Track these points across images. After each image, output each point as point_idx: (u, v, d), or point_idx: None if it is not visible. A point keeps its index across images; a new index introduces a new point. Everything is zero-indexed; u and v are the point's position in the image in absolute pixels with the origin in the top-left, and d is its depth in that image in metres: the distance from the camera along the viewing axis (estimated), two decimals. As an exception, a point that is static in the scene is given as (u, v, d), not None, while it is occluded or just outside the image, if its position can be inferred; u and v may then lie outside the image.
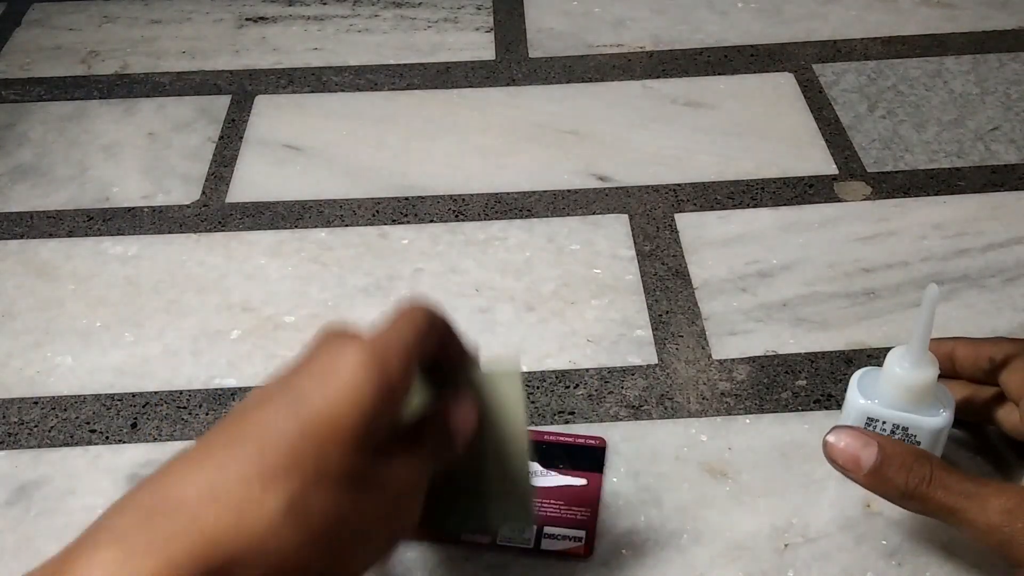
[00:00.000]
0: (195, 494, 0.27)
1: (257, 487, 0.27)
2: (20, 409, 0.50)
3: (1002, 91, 0.70)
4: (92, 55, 0.77)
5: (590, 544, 0.42)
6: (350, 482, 0.29)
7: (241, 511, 0.27)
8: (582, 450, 0.46)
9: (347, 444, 0.29)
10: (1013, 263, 0.56)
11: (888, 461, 0.37)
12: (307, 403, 0.29)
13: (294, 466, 0.28)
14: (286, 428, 0.29)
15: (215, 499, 0.27)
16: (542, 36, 0.77)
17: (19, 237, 0.60)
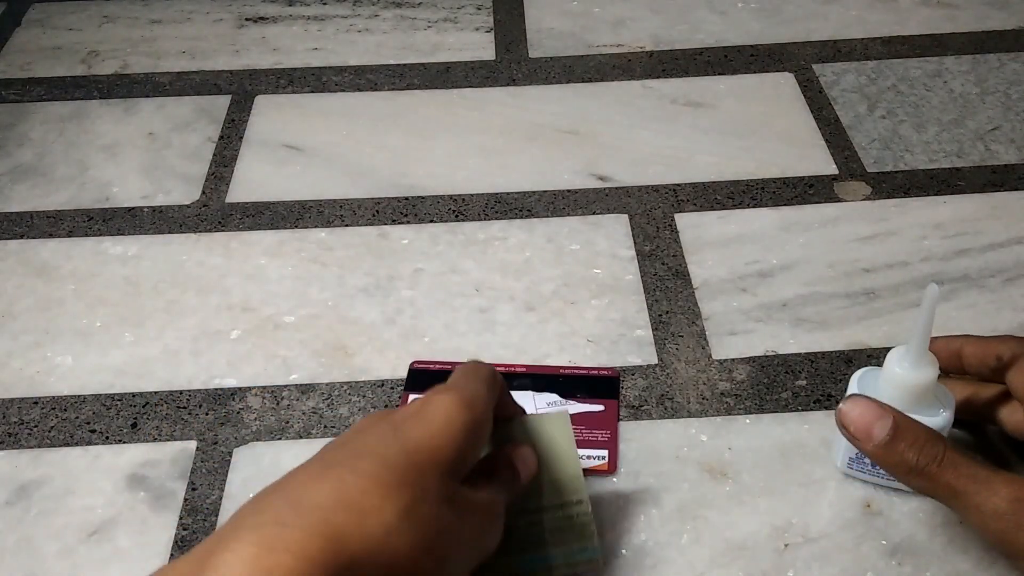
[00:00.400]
0: (324, 500, 0.30)
1: (377, 497, 0.31)
2: (20, 409, 0.50)
3: (1002, 91, 0.70)
4: (92, 55, 0.77)
5: (613, 462, 0.46)
6: (448, 502, 0.33)
7: (364, 516, 0.30)
8: (597, 380, 0.50)
9: (444, 471, 0.34)
10: (1013, 263, 0.56)
11: (900, 436, 0.37)
12: (411, 436, 0.34)
13: (405, 483, 0.32)
14: (395, 453, 0.33)
15: (343, 506, 0.30)
16: (542, 36, 0.77)
17: (19, 237, 0.60)
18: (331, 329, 0.54)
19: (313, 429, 0.49)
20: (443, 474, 0.33)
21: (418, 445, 0.33)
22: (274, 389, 0.51)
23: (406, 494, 0.31)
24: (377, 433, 0.34)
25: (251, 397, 0.50)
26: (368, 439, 0.34)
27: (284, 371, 0.51)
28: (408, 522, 0.31)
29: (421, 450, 0.33)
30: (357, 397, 0.50)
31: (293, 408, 0.50)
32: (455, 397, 0.35)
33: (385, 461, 0.32)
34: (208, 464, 0.47)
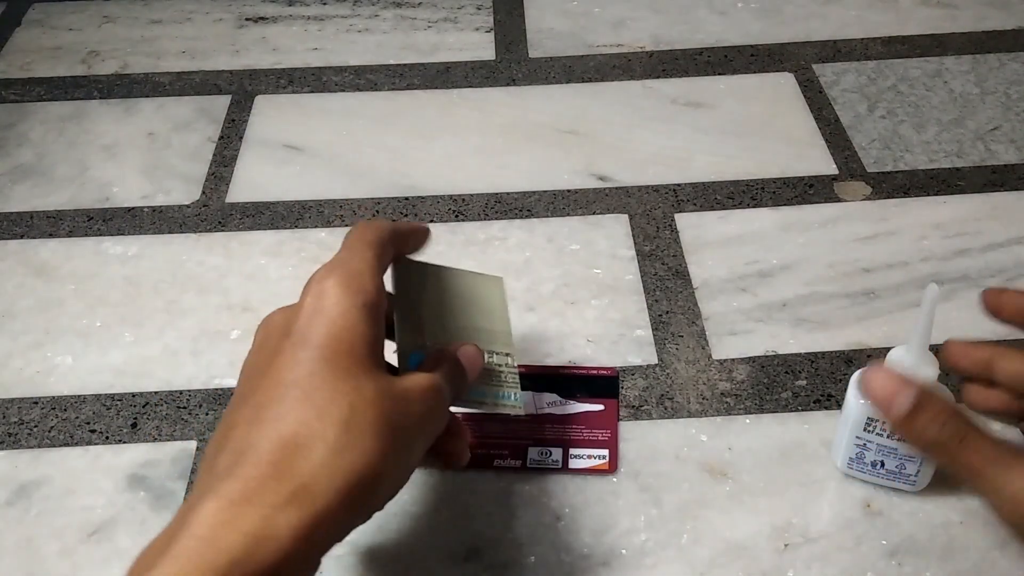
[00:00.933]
0: (269, 444, 0.32)
1: (315, 422, 0.32)
2: (20, 409, 0.50)
3: (1002, 91, 0.70)
4: (92, 55, 0.77)
5: (613, 461, 0.46)
6: (384, 395, 0.34)
7: (309, 447, 0.31)
8: (597, 380, 0.50)
9: (365, 365, 0.34)
10: (1013, 263, 0.56)
11: (922, 408, 0.36)
12: (319, 343, 0.34)
13: (335, 397, 0.33)
14: (312, 370, 0.33)
15: (286, 444, 0.31)
16: (542, 36, 0.77)
17: (19, 237, 0.60)
18: (331, 329, 0.53)
19: (313, 429, 0.48)
20: (366, 368, 0.34)
21: (330, 350, 0.34)
22: (274, 389, 0.50)
23: (341, 407, 0.32)
24: (288, 354, 0.34)
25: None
26: (283, 364, 0.34)
27: (284, 371, 0.51)
28: (352, 434, 0.32)
29: (337, 354, 0.34)
30: (357, 397, 0.50)
31: (293, 408, 0.50)
32: (341, 282, 0.36)
33: (309, 383, 0.33)
34: (208, 464, 0.47)
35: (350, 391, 0.33)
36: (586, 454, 0.46)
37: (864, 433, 0.42)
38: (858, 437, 0.43)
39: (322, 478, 0.31)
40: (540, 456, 0.46)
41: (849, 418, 0.42)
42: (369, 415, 0.33)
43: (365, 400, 0.33)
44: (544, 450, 0.46)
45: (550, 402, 0.48)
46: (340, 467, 0.31)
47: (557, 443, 0.47)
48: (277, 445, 0.31)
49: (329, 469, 0.31)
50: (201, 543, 0.29)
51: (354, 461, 0.32)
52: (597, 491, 0.45)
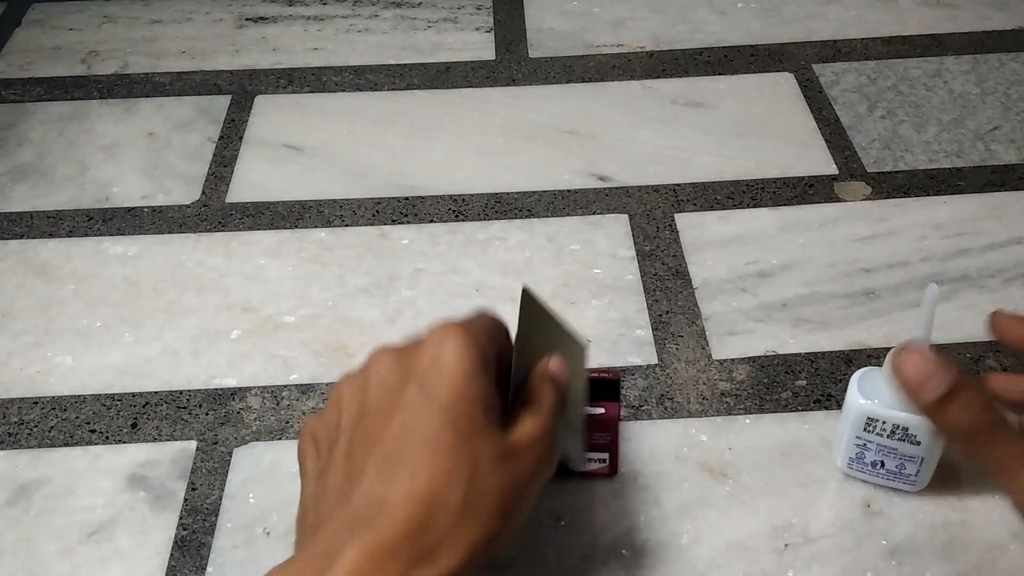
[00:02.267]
0: (401, 500, 0.32)
1: (442, 486, 0.33)
2: (20, 409, 0.50)
3: (1002, 91, 0.70)
4: (92, 55, 0.77)
5: (614, 466, 0.46)
6: (500, 457, 0.34)
7: (436, 508, 0.32)
8: (598, 383, 0.49)
9: (483, 423, 0.34)
10: (1013, 263, 0.56)
11: (956, 396, 0.34)
12: (443, 399, 0.34)
13: (459, 462, 0.33)
14: (437, 426, 0.34)
15: (418, 501, 0.32)
16: (542, 36, 0.77)
17: (19, 237, 0.60)
18: (331, 329, 0.54)
19: (313, 429, 0.48)
20: (483, 430, 0.34)
21: (455, 410, 0.34)
22: (274, 389, 0.51)
23: (465, 471, 0.33)
24: (414, 407, 0.34)
25: (251, 397, 0.50)
26: (410, 416, 0.34)
27: (284, 371, 0.51)
28: (474, 499, 0.33)
29: (460, 415, 0.34)
30: (357, 397, 0.50)
31: (293, 408, 0.50)
32: (463, 336, 0.36)
33: (436, 443, 0.33)
34: (208, 464, 0.47)
35: (472, 455, 0.34)
36: (586, 456, 0.46)
37: (864, 433, 0.42)
38: (858, 437, 0.43)
39: (451, 540, 0.32)
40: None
41: (849, 418, 0.42)
42: (490, 480, 0.33)
43: (486, 465, 0.34)
44: None
45: None
46: (466, 530, 0.32)
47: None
48: (412, 502, 0.32)
49: (456, 532, 0.32)
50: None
51: (479, 526, 0.33)
52: (597, 491, 0.45)
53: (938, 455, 0.42)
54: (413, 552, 0.31)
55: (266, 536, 0.44)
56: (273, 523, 0.44)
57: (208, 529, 0.44)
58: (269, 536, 0.44)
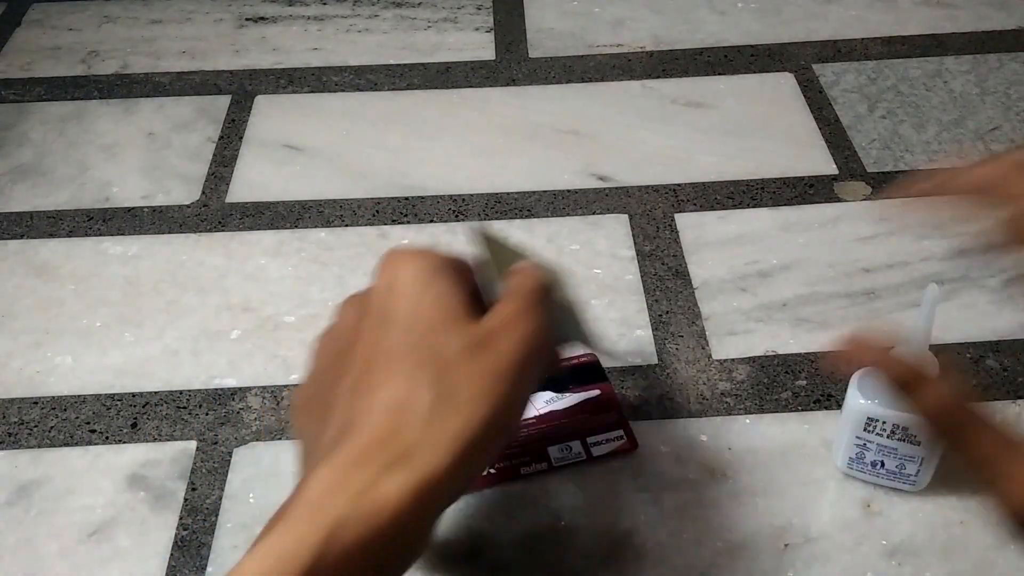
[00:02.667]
0: (376, 412, 0.32)
1: (411, 389, 0.32)
2: (20, 409, 0.50)
3: (1002, 91, 0.70)
4: (92, 55, 0.77)
5: (632, 438, 0.46)
6: (465, 347, 0.33)
7: (410, 414, 0.32)
8: (581, 369, 0.50)
9: (445, 322, 0.34)
10: (1013, 263, 0.56)
11: (936, 385, 0.34)
12: (396, 314, 0.34)
13: (424, 360, 0.33)
14: (398, 340, 0.34)
15: (398, 411, 0.32)
16: (542, 36, 0.77)
17: (19, 237, 0.60)
18: (331, 329, 0.53)
19: (313, 429, 0.49)
20: (447, 326, 0.34)
21: (408, 317, 0.34)
22: (274, 389, 0.51)
23: (429, 370, 0.33)
24: (369, 332, 0.34)
25: (251, 397, 0.50)
26: (367, 342, 0.34)
27: (284, 371, 0.51)
28: (446, 395, 0.32)
29: (417, 320, 0.34)
30: (357, 397, 0.50)
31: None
32: (410, 252, 0.36)
33: (397, 352, 0.33)
34: (208, 464, 0.47)
35: (435, 352, 0.33)
36: (604, 438, 0.46)
37: (864, 433, 0.42)
38: (858, 437, 0.43)
39: (426, 442, 0.31)
40: (562, 453, 0.46)
41: (849, 418, 0.42)
42: (463, 370, 0.32)
43: (454, 357, 0.33)
44: (564, 446, 0.46)
45: (547, 399, 0.48)
46: (443, 425, 0.32)
47: (573, 436, 0.47)
48: (380, 411, 0.32)
49: (431, 432, 0.31)
50: (310, 507, 0.30)
51: (459, 417, 0.32)
52: (598, 491, 0.45)
53: (938, 455, 0.42)
54: (383, 458, 0.31)
55: (266, 536, 0.44)
56: (273, 523, 0.44)
57: (208, 529, 0.44)
58: (269, 536, 0.44)
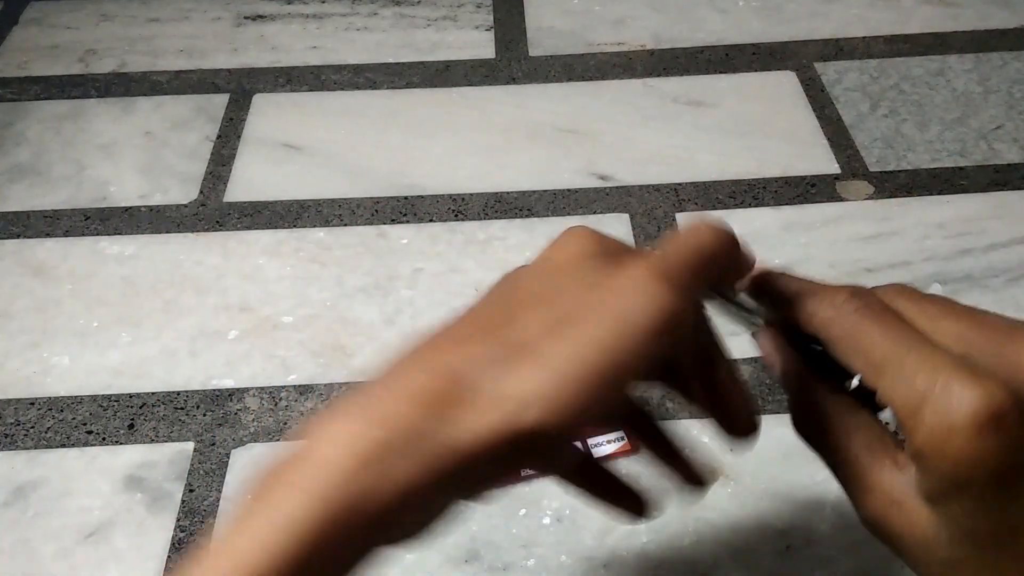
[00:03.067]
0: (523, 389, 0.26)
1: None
2: (17, 410, 0.50)
3: (1005, 90, 0.69)
4: (90, 54, 0.76)
5: (633, 441, 0.46)
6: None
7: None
8: None
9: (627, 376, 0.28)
10: (1016, 263, 0.56)
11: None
12: (614, 312, 0.28)
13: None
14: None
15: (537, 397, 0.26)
16: (542, 34, 0.77)
17: (16, 237, 0.60)
18: (330, 329, 0.53)
19: (312, 430, 0.48)
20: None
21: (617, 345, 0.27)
22: (272, 390, 0.50)
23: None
24: (584, 325, 0.28)
25: (249, 398, 0.50)
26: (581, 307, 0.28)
27: (282, 372, 0.51)
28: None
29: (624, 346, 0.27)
30: (356, 398, 0.50)
31: (291, 409, 0.49)
32: (653, 279, 0.28)
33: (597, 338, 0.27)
34: (206, 465, 0.47)
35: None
36: (604, 440, 0.46)
37: (867, 434, 0.42)
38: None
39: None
40: None
41: (852, 419, 0.42)
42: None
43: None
44: None
45: None
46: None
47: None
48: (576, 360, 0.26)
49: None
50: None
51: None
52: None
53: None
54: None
55: (264, 538, 0.44)
56: (271, 525, 0.44)
57: (206, 531, 0.44)
58: (267, 538, 0.44)
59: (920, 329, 0.28)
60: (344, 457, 0.25)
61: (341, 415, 0.27)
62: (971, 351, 0.27)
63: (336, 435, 0.26)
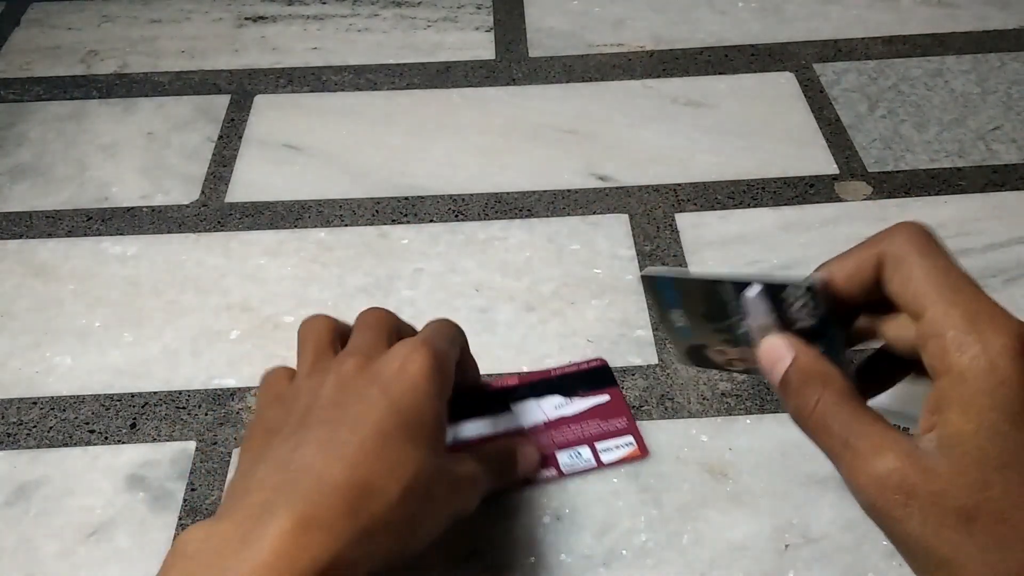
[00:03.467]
0: (340, 478, 0.33)
1: (382, 477, 0.33)
2: (19, 409, 0.50)
3: (1003, 91, 0.70)
4: (91, 55, 0.77)
5: (642, 445, 0.46)
6: (438, 475, 0.36)
7: (373, 495, 0.33)
8: (590, 373, 0.49)
9: (432, 441, 0.36)
10: (1014, 263, 0.56)
11: (791, 378, 0.32)
12: (401, 404, 0.35)
13: (403, 461, 0.34)
14: (392, 426, 0.35)
15: (356, 484, 0.33)
16: (542, 35, 0.77)
17: (18, 237, 0.60)
18: (331, 329, 0.53)
19: (313, 429, 0.48)
20: (433, 445, 0.36)
21: (411, 416, 0.35)
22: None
23: (407, 472, 0.34)
24: (369, 401, 0.35)
25: (251, 397, 0.50)
26: (363, 408, 0.35)
27: (284, 371, 0.51)
28: (407, 499, 0.34)
29: (414, 423, 0.35)
30: (357, 397, 0.50)
31: (293, 408, 0.49)
32: (431, 358, 0.37)
33: (384, 437, 0.34)
34: (208, 465, 0.47)
35: (417, 460, 0.34)
36: (613, 445, 0.46)
37: (865, 433, 0.42)
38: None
39: (381, 529, 0.33)
40: (571, 459, 0.46)
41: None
42: (424, 488, 0.34)
43: (425, 474, 0.35)
44: (573, 452, 0.46)
45: (556, 405, 0.48)
46: (392, 524, 0.33)
47: (581, 442, 0.46)
48: (353, 484, 0.33)
49: (385, 523, 0.33)
50: (269, 568, 0.30)
51: (395, 524, 0.33)
52: (597, 491, 0.45)
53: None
54: (351, 532, 0.31)
55: (265, 537, 0.44)
56: (272, 524, 0.44)
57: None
58: (268, 537, 0.44)
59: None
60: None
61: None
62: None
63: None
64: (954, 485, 0.27)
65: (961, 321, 0.28)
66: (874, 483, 0.29)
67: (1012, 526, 0.26)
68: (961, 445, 0.27)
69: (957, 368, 0.28)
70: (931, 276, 0.30)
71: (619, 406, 0.48)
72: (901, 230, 0.32)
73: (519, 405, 0.48)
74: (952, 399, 0.28)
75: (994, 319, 0.28)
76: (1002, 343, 0.27)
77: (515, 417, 0.47)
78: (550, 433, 0.47)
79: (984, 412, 0.27)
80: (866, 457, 0.29)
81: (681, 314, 0.38)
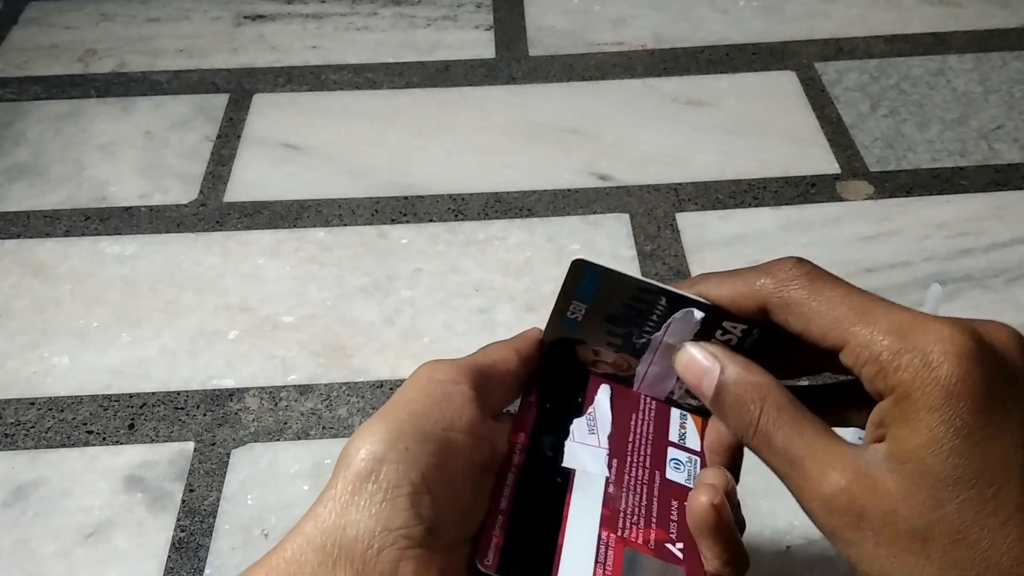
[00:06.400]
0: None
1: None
2: (17, 410, 0.50)
3: (1005, 90, 0.69)
4: (89, 54, 0.76)
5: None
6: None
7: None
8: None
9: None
10: (1016, 263, 0.56)
11: (724, 392, 0.30)
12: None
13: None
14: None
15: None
16: (542, 34, 0.77)
17: (16, 237, 0.60)
18: (330, 329, 0.53)
19: (311, 430, 0.48)
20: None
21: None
22: (272, 390, 0.50)
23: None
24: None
25: (249, 398, 0.50)
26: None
27: (282, 372, 0.51)
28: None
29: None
30: (356, 398, 0.50)
31: (291, 409, 0.49)
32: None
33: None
34: (206, 465, 0.47)
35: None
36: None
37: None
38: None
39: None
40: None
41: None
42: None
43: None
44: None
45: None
46: None
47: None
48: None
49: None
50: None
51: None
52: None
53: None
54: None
55: (264, 538, 0.44)
56: (271, 524, 0.44)
57: (206, 531, 0.44)
58: (267, 538, 0.44)
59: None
60: None
61: None
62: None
63: None
64: (906, 505, 0.25)
65: (889, 339, 0.26)
66: (823, 505, 0.27)
67: (968, 546, 0.25)
68: (911, 462, 0.25)
69: (901, 387, 0.26)
70: (836, 306, 0.28)
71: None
72: (777, 271, 0.30)
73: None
74: (896, 416, 0.26)
75: (924, 327, 0.26)
76: (941, 349, 0.25)
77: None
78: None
79: (933, 428, 0.25)
80: (811, 477, 0.27)
81: (582, 309, 0.36)
